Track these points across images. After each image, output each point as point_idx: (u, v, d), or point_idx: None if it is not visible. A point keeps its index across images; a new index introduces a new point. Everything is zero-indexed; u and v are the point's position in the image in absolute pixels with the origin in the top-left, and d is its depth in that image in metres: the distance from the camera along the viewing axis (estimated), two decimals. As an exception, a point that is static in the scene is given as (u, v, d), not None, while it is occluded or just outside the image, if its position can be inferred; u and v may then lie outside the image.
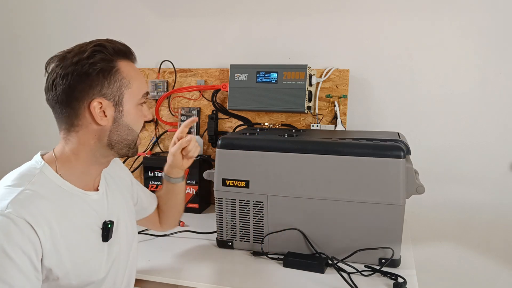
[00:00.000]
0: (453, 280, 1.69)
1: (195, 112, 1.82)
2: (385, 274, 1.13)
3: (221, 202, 1.29)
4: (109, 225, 0.90)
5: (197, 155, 1.17)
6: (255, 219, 1.27)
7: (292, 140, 1.24)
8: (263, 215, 1.26)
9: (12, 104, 2.18)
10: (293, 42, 1.74)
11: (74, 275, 0.82)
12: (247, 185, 1.25)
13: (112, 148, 0.89)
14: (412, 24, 1.62)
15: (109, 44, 0.86)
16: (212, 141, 1.79)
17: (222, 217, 1.30)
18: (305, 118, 1.72)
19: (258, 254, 1.26)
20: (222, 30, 1.83)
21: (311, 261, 1.17)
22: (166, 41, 1.90)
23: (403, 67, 1.65)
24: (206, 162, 1.72)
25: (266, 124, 1.72)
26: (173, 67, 1.86)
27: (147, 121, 0.96)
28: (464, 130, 1.62)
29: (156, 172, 1.71)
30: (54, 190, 0.82)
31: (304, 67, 1.59)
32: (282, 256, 1.21)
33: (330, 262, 1.15)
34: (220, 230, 1.31)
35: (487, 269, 1.65)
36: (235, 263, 1.22)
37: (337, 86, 1.69)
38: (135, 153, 0.94)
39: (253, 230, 1.28)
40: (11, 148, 2.21)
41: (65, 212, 0.82)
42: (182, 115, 1.83)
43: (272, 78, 1.63)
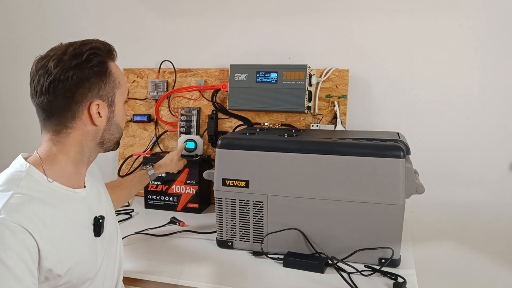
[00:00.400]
0: (453, 280, 1.69)
1: (195, 112, 1.82)
2: (385, 274, 1.13)
3: (221, 202, 1.29)
4: (100, 220, 0.91)
5: (197, 155, 1.18)
6: (255, 219, 1.27)
7: (292, 140, 1.24)
8: (263, 215, 1.26)
9: (12, 104, 2.18)
10: (293, 42, 1.74)
11: (74, 272, 0.82)
12: (247, 185, 1.25)
13: (102, 146, 0.92)
14: (412, 24, 1.62)
15: (101, 45, 0.87)
16: (212, 141, 1.79)
17: (222, 217, 1.30)
18: (305, 118, 1.72)
19: (258, 254, 1.26)
20: (222, 30, 1.83)
21: (311, 261, 1.17)
22: (166, 41, 1.90)
23: (403, 67, 1.65)
24: (206, 162, 1.72)
25: (266, 124, 1.72)
26: (173, 67, 1.86)
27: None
28: (464, 130, 1.62)
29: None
30: (43, 192, 0.81)
31: (304, 67, 1.59)
32: (282, 256, 1.21)
33: (330, 262, 1.15)
34: (220, 230, 1.31)
35: (487, 269, 1.65)
36: (235, 263, 1.22)
37: (337, 86, 1.69)
38: (117, 147, 0.97)
39: (253, 230, 1.28)
40: (11, 148, 2.21)
41: (58, 212, 0.82)
42: (182, 115, 1.83)
43: (272, 78, 1.63)
